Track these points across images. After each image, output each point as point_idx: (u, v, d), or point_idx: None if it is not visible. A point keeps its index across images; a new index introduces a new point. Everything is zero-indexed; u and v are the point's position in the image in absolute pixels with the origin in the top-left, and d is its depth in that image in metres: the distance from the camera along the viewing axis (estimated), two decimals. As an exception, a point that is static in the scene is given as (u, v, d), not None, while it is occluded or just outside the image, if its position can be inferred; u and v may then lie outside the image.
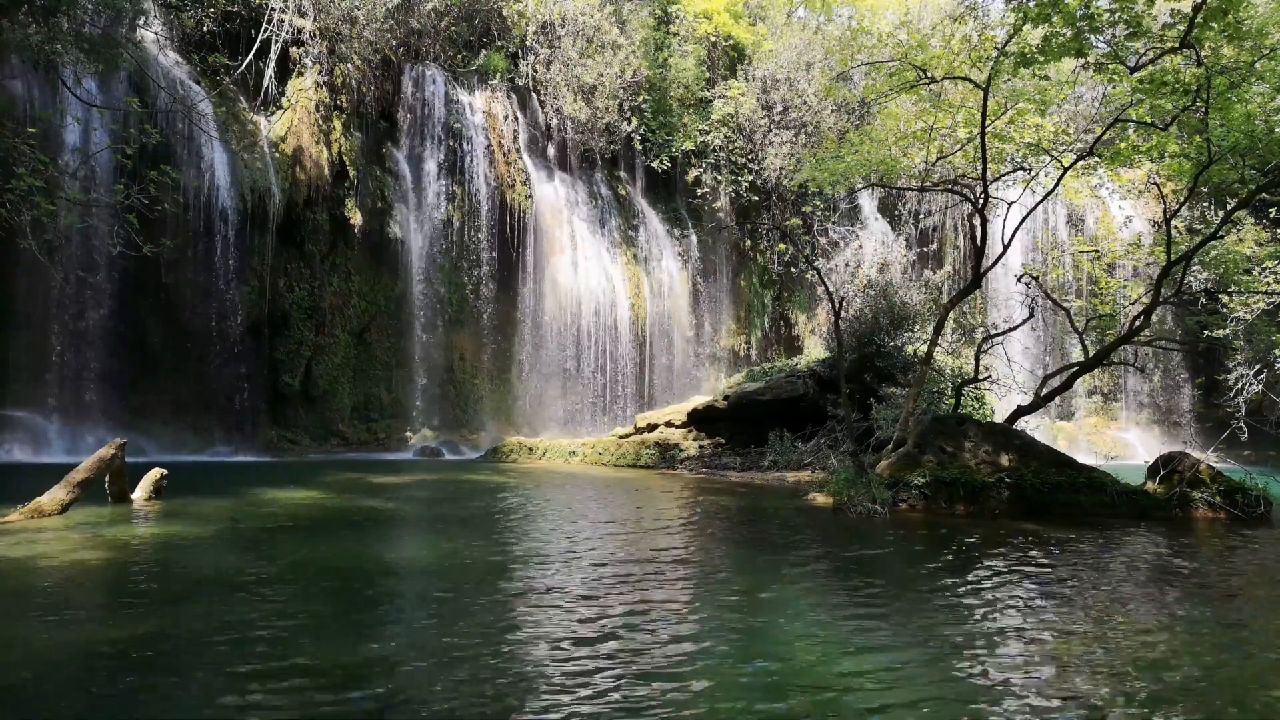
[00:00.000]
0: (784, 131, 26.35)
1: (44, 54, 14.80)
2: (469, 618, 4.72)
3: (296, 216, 20.09)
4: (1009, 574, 6.36)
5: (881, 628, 4.68)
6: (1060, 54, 10.38)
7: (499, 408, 23.45)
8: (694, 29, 27.43)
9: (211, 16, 19.55)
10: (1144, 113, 11.13)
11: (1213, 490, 9.86)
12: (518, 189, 23.48)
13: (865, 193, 26.74)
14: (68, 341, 17.17)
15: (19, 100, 15.98)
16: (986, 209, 12.79)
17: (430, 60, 23.17)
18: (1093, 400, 27.82)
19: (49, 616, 4.62)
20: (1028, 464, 10.32)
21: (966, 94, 13.36)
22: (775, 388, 17.74)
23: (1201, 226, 18.89)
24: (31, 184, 11.98)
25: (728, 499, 11.41)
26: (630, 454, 17.57)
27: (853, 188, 17.63)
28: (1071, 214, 28.23)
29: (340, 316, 21.06)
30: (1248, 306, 16.89)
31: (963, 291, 13.64)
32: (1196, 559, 7.40)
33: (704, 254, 27.45)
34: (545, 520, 9.21)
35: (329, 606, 5.00)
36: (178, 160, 17.32)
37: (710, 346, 27.32)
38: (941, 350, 16.31)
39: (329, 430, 20.63)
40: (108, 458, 8.67)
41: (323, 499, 10.42)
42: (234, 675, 3.68)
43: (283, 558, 6.51)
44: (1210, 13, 9.60)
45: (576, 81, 24.46)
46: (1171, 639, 4.57)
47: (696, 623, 4.71)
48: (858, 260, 24.72)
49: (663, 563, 6.64)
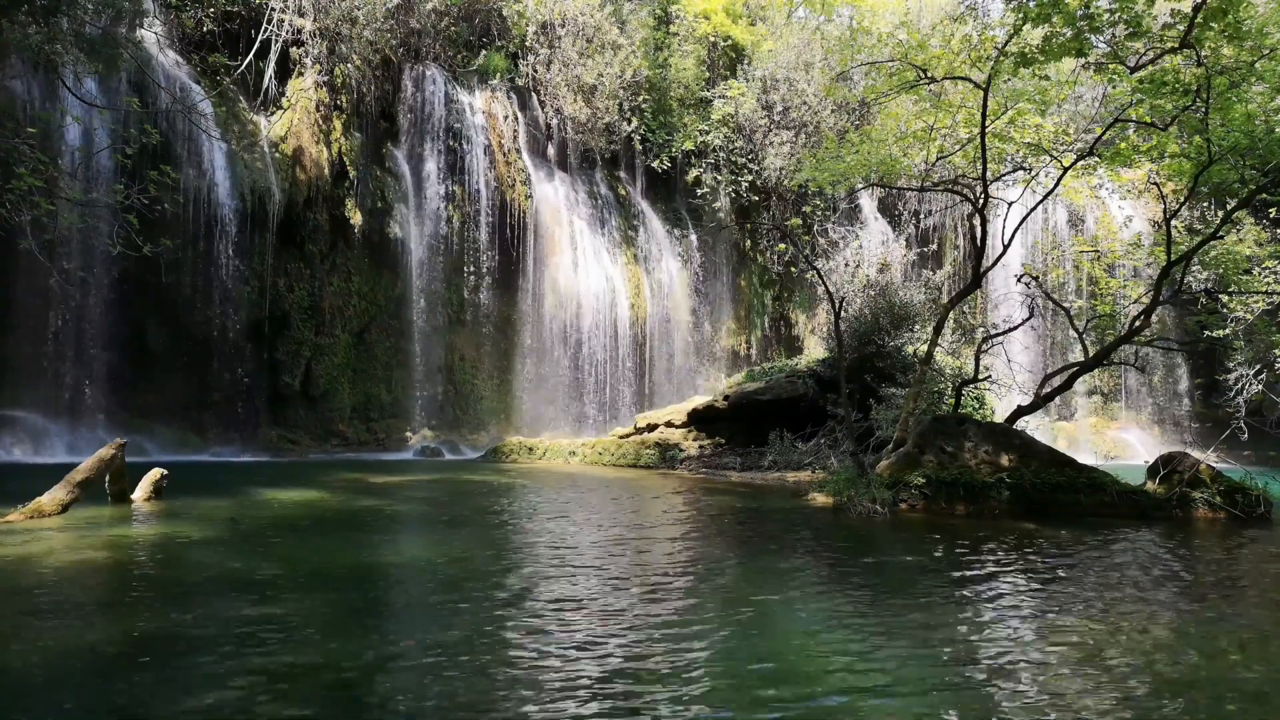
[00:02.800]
0: (784, 131, 26.34)
1: (44, 54, 14.79)
2: (469, 618, 4.72)
3: (296, 216, 20.09)
4: (1009, 574, 6.36)
5: (881, 628, 4.68)
6: (1060, 54, 10.39)
7: (499, 408, 23.46)
8: (694, 29, 27.43)
9: (211, 16, 19.55)
10: (1144, 113, 11.11)
11: (1213, 490, 9.86)
12: (518, 189, 23.48)
13: (865, 193, 26.74)
14: (68, 341, 17.16)
15: (19, 100, 15.98)
16: (986, 209, 12.78)
17: (430, 60, 23.17)
18: (1093, 400, 27.81)
19: (49, 616, 4.62)
20: (1028, 464, 10.32)
21: (966, 94, 13.35)
22: (775, 388, 17.74)
23: (1201, 226, 18.90)
24: (31, 184, 11.99)
25: (728, 499, 11.41)
26: (630, 454, 17.57)
27: (853, 188, 17.62)
28: (1071, 214, 28.22)
29: (340, 316, 21.07)
30: (1248, 306, 16.88)
31: (963, 291, 13.65)
32: (1196, 559, 7.40)
33: (704, 254, 27.45)
34: (545, 520, 9.21)
35: (328, 607, 5.00)
36: (178, 160, 17.32)
37: (710, 346, 27.32)
38: (941, 350, 16.31)
39: (329, 430, 20.64)
40: (108, 458, 8.68)
41: (322, 499, 10.42)
42: (234, 675, 3.68)
43: (282, 558, 6.51)
44: (1210, 13, 9.60)
45: (576, 81, 24.46)
46: (1172, 639, 4.58)
47: (696, 623, 4.71)
48: (858, 260, 24.70)
49: (662, 562, 6.64)
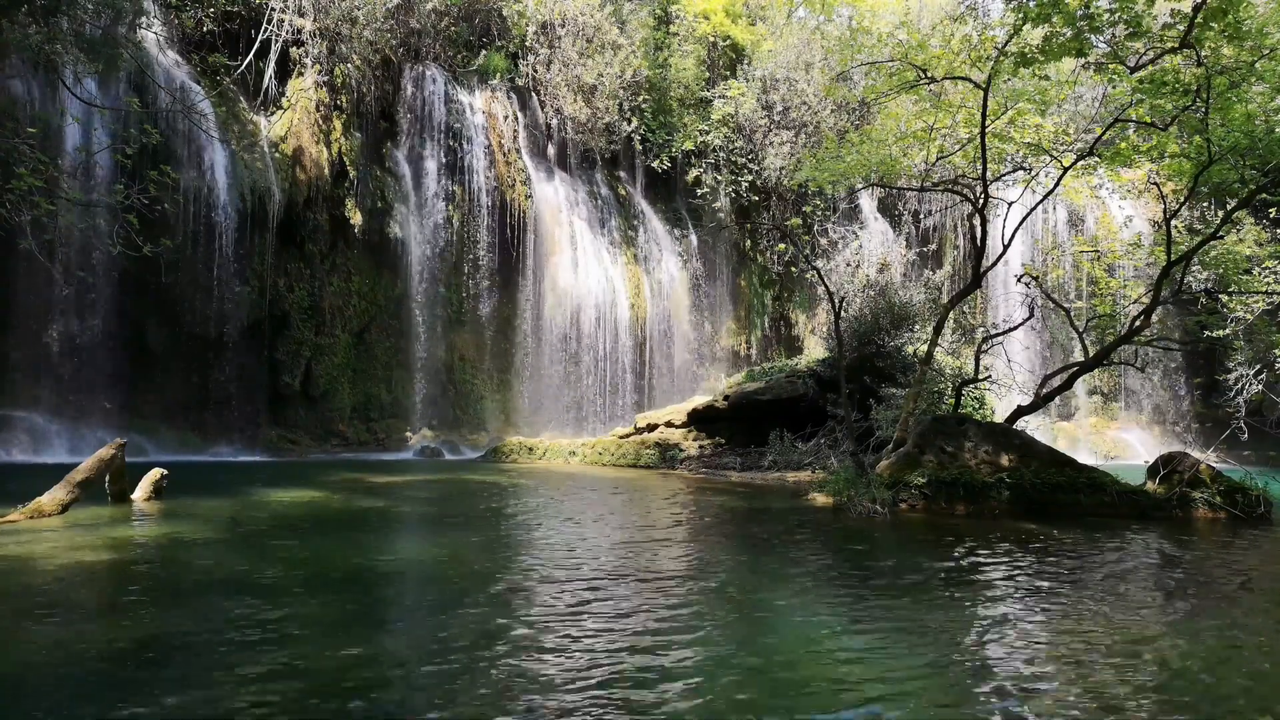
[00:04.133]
0: (784, 131, 26.34)
1: (44, 54, 14.79)
2: (468, 618, 4.72)
3: (296, 216, 20.10)
4: (1009, 574, 6.35)
5: (881, 628, 4.68)
6: (1060, 54, 10.39)
7: (499, 408, 23.45)
8: (694, 29, 27.43)
9: (211, 16, 19.55)
10: (1144, 113, 11.11)
11: (1213, 490, 9.86)
12: (518, 189, 23.48)
13: (865, 193, 26.74)
14: (68, 341, 17.16)
15: (19, 100, 15.98)
16: (986, 209, 12.78)
17: (430, 60, 23.17)
18: (1093, 400, 27.81)
19: (49, 616, 4.61)
20: (1028, 464, 10.32)
21: (966, 94, 13.35)
22: (775, 388, 17.74)
23: (1201, 226, 18.89)
24: (31, 184, 11.99)
25: (728, 499, 11.41)
26: (630, 454, 17.57)
27: (853, 188, 17.64)
28: (1071, 214, 28.22)
29: (340, 316, 21.07)
30: (1248, 306, 16.88)
31: (963, 291, 13.64)
32: (1197, 559, 7.39)
33: (704, 254, 27.45)
34: (545, 520, 9.21)
35: (328, 607, 4.99)
36: (178, 160, 17.32)
37: (710, 346, 27.32)
38: (941, 350, 16.31)
39: (329, 430, 20.64)
40: (108, 458, 8.68)
41: (322, 499, 10.41)
42: (234, 675, 3.67)
43: (282, 558, 6.51)
44: (1210, 13, 9.60)
45: (576, 81, 24.46)
46: (1173, 639, 4.57)
47: (696, 623, 4.71)
48: (858, 260, 24.75)
49: (662, 562, 6.64)
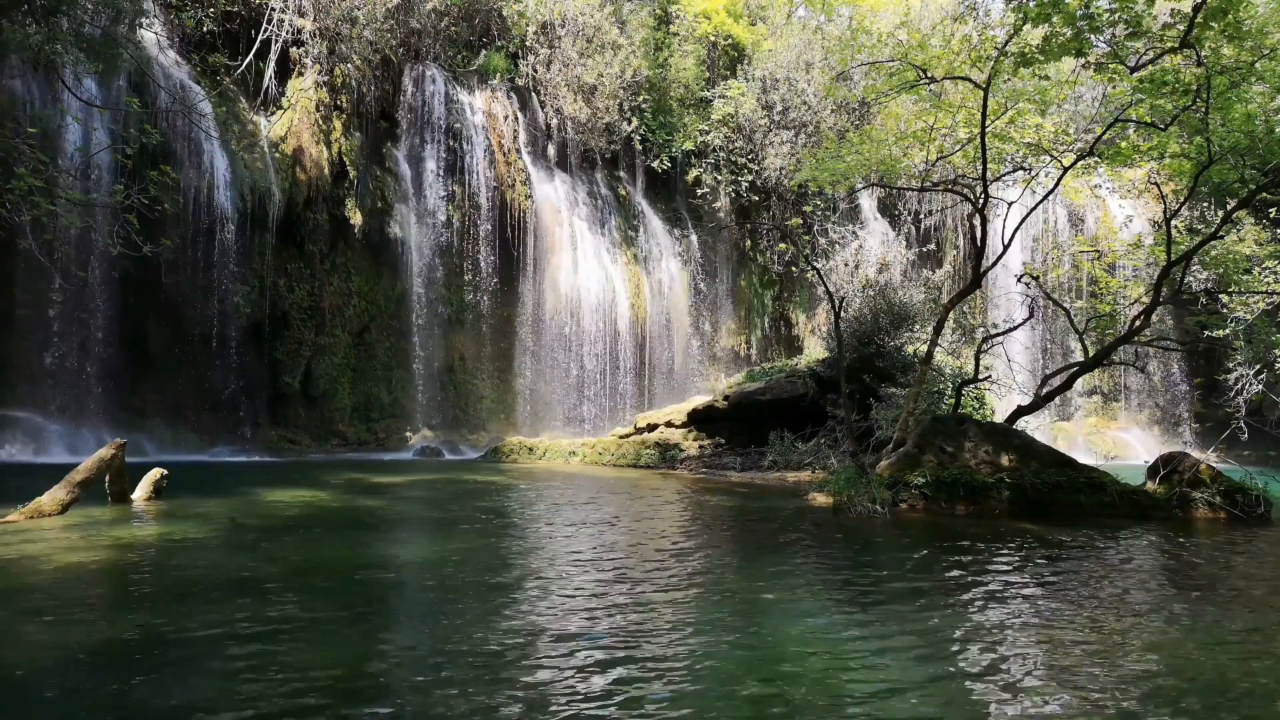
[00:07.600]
0: (784, 131, 26.34)
1: (44, 54, 14.78)
2: (468, 618, 4.72)
3: (296, 216, 20.10)
4: (1009, 574, 6.35)
5: (881, 628, 4.67)
6: (1060, 54, 10.38)
7: (499, 408, 23.46)
8: (694, 29, 27.42)
9: (211, 16, 19.54)
10: (1144, 113, 11.12)
11: (1213, 490, 9.85)
12: (518, 189, 23.48)
13: (865, 193, 26.73)
14: (68, 341, 17.16)
15: (19, 100, 15.99)
16: (986, 209, 12.78)
17: (430, 60, 23.17)
18: (1093, 400, 27.81)
19: (49, 616, 4.61)
20: (1028, 464, 10.31)
21: (966, 94, 13.35)
22: (775, 388, 17.74)
23: (1201, 226, 18.87)
24: (31, 184, 11.96)
25: (728, 499, 11.41)
26: (630, 454, 17.57)
27: (853, 188, 17.61)
28: (1071, 214, 28.22)
29: (340, 316, 21.07)
30: (1248, 306, 16.87)
31: (963, 291, 13.64)
32: (1197, 559, 7.39)
33: (704, 254, 27.45)
34: (545, 520, 9.21)
35: (329, 607, 4.99)
36: (178, 160, 17.32)
37: (710, 346, 27.32)
38: (941, 350, 16.31)
39: (329, 430, 20.64)
40: (108, 458, 8.68)
41: (323, 499, 10.41)
42: (234, 675, 3.67)
43: (282, 558, 6.51)
44: (1210, 13, 9.60)
45: (576, 81, 24.45)
46: (1173, 639, 4.57)
47: (696, 623, 4.71)
48: (858, 260, 24.74)
49: (662, 562, 6.63)
